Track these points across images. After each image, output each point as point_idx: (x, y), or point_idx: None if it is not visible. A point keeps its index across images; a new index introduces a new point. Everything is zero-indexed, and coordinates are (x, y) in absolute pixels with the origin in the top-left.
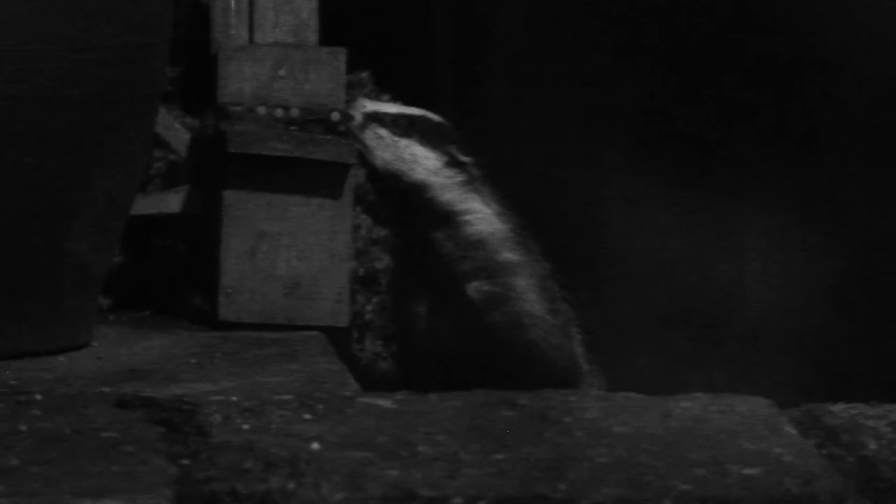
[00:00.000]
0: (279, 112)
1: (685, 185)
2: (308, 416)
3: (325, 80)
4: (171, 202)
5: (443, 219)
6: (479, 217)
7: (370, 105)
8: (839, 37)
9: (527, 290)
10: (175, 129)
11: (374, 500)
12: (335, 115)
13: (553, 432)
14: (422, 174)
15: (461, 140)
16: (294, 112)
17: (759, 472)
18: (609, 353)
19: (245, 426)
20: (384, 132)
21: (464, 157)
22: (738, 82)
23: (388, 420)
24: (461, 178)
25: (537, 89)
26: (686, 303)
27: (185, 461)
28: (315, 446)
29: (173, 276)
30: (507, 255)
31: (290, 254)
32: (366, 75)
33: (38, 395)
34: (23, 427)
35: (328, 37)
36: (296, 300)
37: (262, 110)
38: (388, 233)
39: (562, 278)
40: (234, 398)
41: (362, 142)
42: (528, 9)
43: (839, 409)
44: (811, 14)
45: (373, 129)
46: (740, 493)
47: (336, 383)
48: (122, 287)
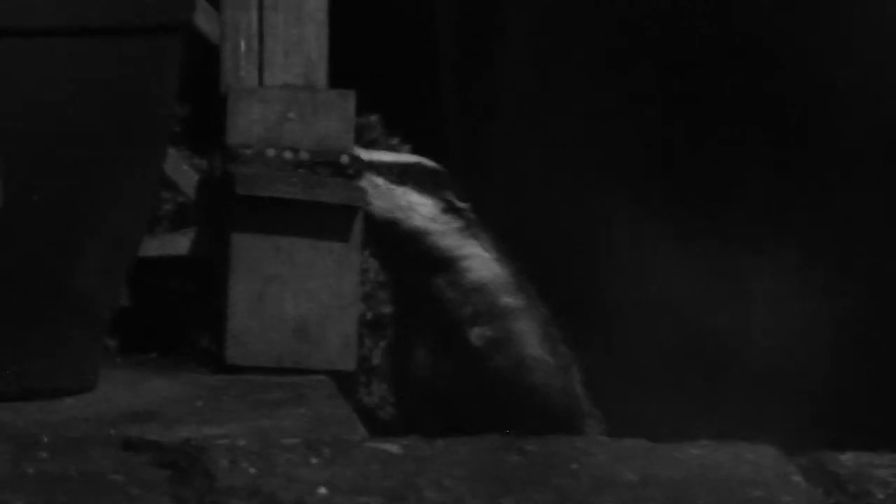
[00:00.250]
0: (288, 154)
1: (689, 228)
2: (315, 460)
3: (335, 122)
4: (178, 244)
5: (443, 264)
6: (479, 262)
7: (365, 154)
8: (849, 78)
9: (528, 333)
10: (183, 171)
11: None
12: (344, 158)
13: (560, 478)
14: (419, 221)
15: (458, 185)
16: (303, 154)
17: None
18: (613, 396)
19: (251, 470)
20: (380, 180)
21: (461, 203)
22: (744, 125)
23: (395, 465)
24: (459, 224)
25: (541, 132)
26: (691, 346)
27: None
28: (322, 491)
29: (180, 319)
30: (508, 300)
31: (297, 297)
32: (375, 118)
33: (45, 438)
34: (29, 469)
35: (337, 79)
36: (303, 343)
37: (271, 152)
38: (388, 278)
39: (563, 321)
40: (241, 442)
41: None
42: (535, 52)
43: (847, 457)
44: (819, 55)
45: (368, 178)
46: None
47: (343, 428)
48: (129, 329)
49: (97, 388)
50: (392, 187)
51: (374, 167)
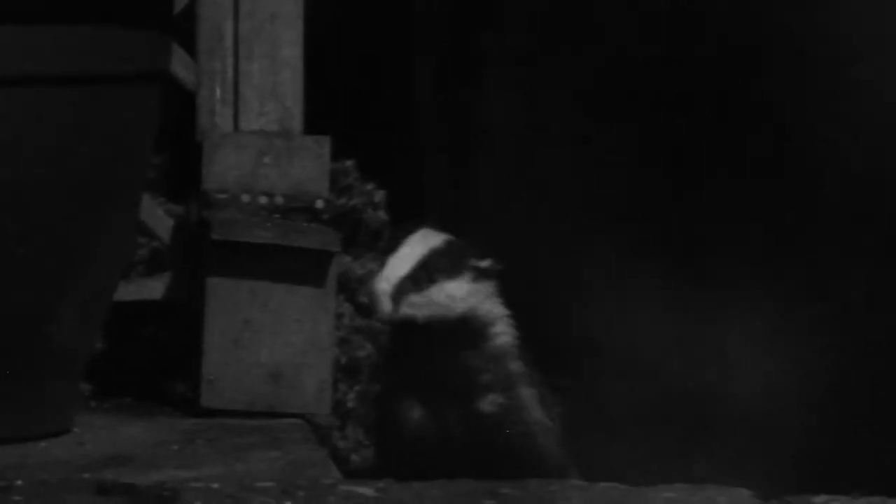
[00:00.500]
0: (263, 199)
1: (673, 283)
2: (289, 503)
3: (310, 167)
4: (154, 289)
5: (475, 335)
6: (503, 325)
7: (389, 277)
8: (831, 133)
9: (530, 398)
10: (158, 216)
11: None
12: (319, 203)
13: None
14: (461, 306)
15: (474, 245)
16: (278, 199)
17: None
18: (593, 448)
19: None
20: (416, 297)
21: (484, 262)
22: (727, 179)
23: None
24: (489, 286)
25: (520, 179)
26: (671, 399)
27: None
28: None
29: (155, 363)
30: (514, 366)
31: (273, 341)
32: (350, 163)
33: (19, 482)
34: None
35: (312, 125)
36: (278, 388)
37: (246, 198)
38: (391, 351)
39: (541, 367)
40: (216, 485)
41: (400, 319)
42: (514, 99)
43: (820, 500)
44: (801, 109)
45: (406, 303)
46: None
47: (317, 471)
48: (104, 373)
49: (72, 432)
50: (426, 292)
51: (405, 289)
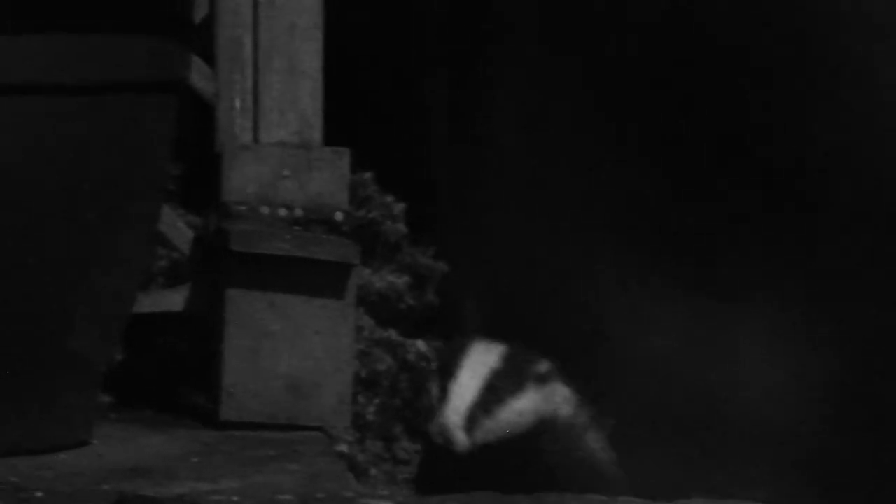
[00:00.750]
0: (282, 211)
1: (683, 289)
2: None
3: (329, 180)
4: (173, 300)
5: (551, 436)
6: (572, 410)
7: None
8: (837, 139)
9: (598, 447)
10: (178, 228)
11: None
12: (338, 215)
13: None
14: (531, 418)
15: (528, 349)
16: (297, 211)
17: None
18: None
19: None
20: (488, 422)
21: (543, 366)
22: (735, 185)
23: None
24: (553, 386)
25: (533, 192)
26: (683, 405)
27: None
28: None
29: (174, 375)
30: (588, 438)
31: (292, 353)
32: (369, 175)
33: (39, 493)
34: None
35: (331, 137)
36: (297, 400)
37: (265, 210)
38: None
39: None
40: (235, 498)
41: (479, 447)
42: (525, 113)
43: None
44: (808, 118)
45: (479, 430)
46: None
47: (336, 484)
48: (123, 385)
49: (91, 444)
50: (494, 414)
51: (474, 416)
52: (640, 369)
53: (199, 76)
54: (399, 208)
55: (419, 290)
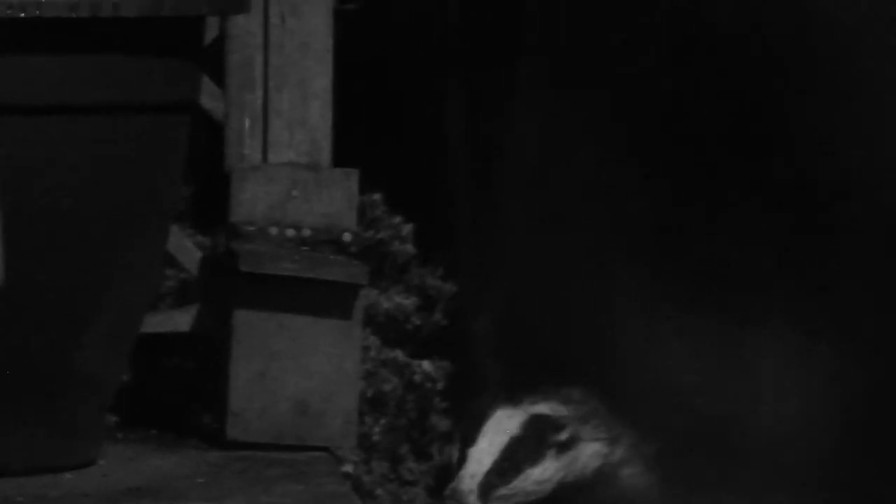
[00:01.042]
0: (291, 232)
1: (699, 312)
2: None
3: (338, 200)
4: (181, 320)
5: (576, 490)
6: (598, 461)
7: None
8: (854, 159)
9: (630, 477)
10: (186, 248)
11: None
12: (347, 236)
13: None
14: (549, 486)
15: (549, 415)
16: (306, 232)
17: None
18: None
19: None
20: (504, 490)
21: (564, 434)
22: (752, 205)
23: None
24: (574, 452)
25: (547, 220)
26: (699, 426)
27: None
28: None
29: (181, 395)
30: (622, 473)
31: (299, 373)
32: (378, 197)
33: None
34: None
35: (341, 157)
36: (304, 420)
37: (273, 230)
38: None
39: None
40: None
41: None
42: (542, 136)
43: None
44: (825, 138)
45: (494, 499)
46: None
47: None
48: (130, 405)
49: (98, 464)
50: (512, 482)
51: (490, 483)
52: (655, 393)
53: (208, 96)
54: (407, 229)
55: (427, 310)
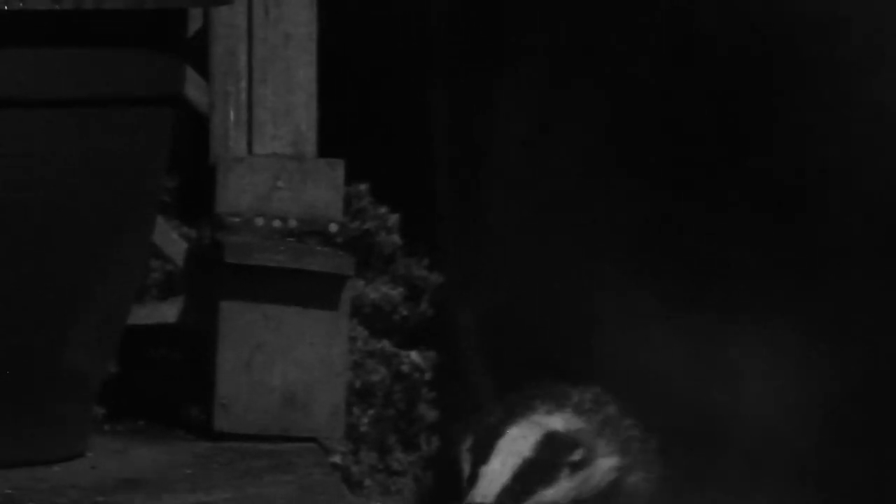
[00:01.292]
0: (277, 223)
1: (683, 306)
2: None
3: (324, 191)
4: (167, 312)
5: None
6: (607, 476)
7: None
8: (841, 158)
9: (635, 485)
10: (172, 240)
11: None
12: (333, 227)
13: None
14: (596, 483)
15: (563, 435)
16: (292, 223)
17: None
18: None
19: None
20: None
21: (577, 454)
22: (737, 203)
23: None
24: (587, 471)
25: (532, 212)
26: (682, 422)
27: None
28: None
29: (168, 387)
30: (630, 479)
31: (286, 365)
32: (364, 187)
33: None
34: None
35: (326, 148)
36: (291, 411)
37: (259, 221)
38: None
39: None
40: None
41: None
42: (527, 125)
43: None
44: (812, 135)
45: None
46: None
47: (330, 495)
48: (117, 397)
49: (86, 456)
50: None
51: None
52: (640, 386)
53: (193, 88)
54: (393, 220)
55: (413, 301)
